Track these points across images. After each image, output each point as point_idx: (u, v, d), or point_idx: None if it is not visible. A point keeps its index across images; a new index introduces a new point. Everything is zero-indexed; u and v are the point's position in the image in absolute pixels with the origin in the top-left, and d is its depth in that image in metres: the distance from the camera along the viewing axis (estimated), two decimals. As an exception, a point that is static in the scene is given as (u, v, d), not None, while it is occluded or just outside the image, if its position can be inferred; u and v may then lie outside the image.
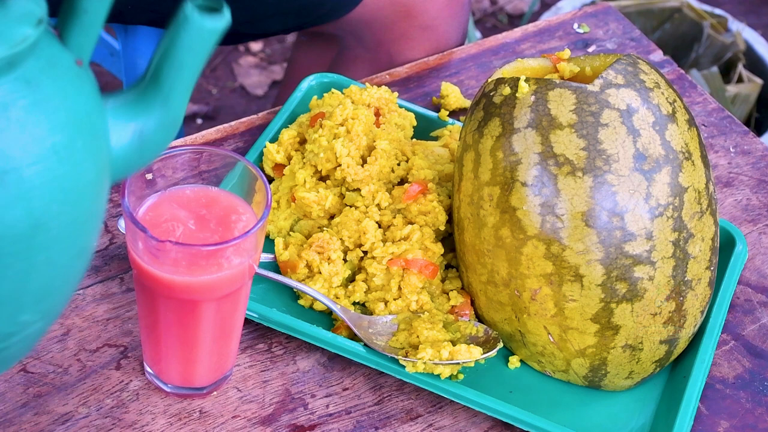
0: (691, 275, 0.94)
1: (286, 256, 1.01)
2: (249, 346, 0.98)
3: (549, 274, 0.92)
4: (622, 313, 0.92)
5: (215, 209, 0.88)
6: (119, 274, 1.02)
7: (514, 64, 1.00)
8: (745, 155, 1.20)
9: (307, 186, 1.04)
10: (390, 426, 0.94)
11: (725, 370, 1.01)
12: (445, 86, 1.20)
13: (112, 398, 0.93)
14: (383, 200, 1.02)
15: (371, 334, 0.96)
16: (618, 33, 1.32)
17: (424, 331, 0.95)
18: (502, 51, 1.28)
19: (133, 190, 0.84)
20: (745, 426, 0.97)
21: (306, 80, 1.16)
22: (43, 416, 0.92)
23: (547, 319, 0.94)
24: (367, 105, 1.09)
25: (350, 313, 0.98)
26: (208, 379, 0.94)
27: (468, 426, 0.95)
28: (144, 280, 0.86)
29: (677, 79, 1.27)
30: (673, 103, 0.94)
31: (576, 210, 0.90)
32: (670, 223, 0.91)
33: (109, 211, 1.06)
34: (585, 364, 0.96)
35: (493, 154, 0.93)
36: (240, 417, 0.93)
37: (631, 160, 0.90)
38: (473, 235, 0.95)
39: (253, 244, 0.84)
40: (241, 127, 1.15)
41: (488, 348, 0.95)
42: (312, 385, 0.96)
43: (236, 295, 0.88)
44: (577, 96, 0.91)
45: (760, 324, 1.04)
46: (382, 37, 1.31)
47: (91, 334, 0.97)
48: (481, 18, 2.47)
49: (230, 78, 2.25)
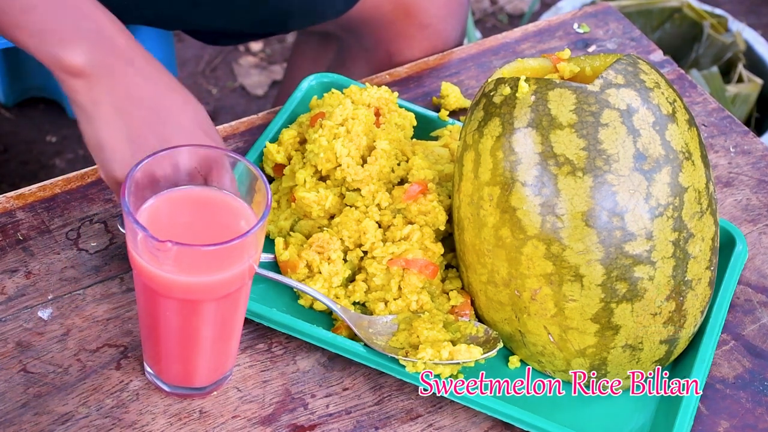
0: (691, 275, 0.94)
1: (286, 256, 1.01)
2: (249, 346, 0.98)
3: (549, 274, 0.92)
4: (622, 313, 0.92)
5: (215, 209, 0.88)
6: (119, 274, 1.02)
7: (514, 64, 1.00)
8: (745, 155, 1.20)
9: (307, 186, 1.04)
10: (390, 426, 0.94)
11: (725, 370, 1.01)
12: (445, 86, 1.20)
13: (112, 398, 0.93)
14: (383, 200, 1.02)
15: (371, 334, 0.96)
16: (618, 33, 1.32)
17: (424, 331, 0.95)
18: (502, 51, 1.28)
19: (133, 191, 0.84)
20: (745, 426, 0.97)
21: (306, 80, 1.16)
22: (43, 416, 0.92)
23: (547, 319, 0.94)
24: (367, 105, 1.09)
25: (350, 313, 0.98)
26: (208, 379, 0.94)
27: (468, 426, 0.95)
28: (144, 280, 0.85)
29: (677, 79, 1.27)
30: (673, 103, 0.94)
31: (576, 210, 0.90)
32: (670, 223, 0.91)
33: (109, 211, 1.06)
34: (585, 364, 0.96)
35: (493, 154, 0.93)
36: (240, 417, 0.93)
37: (631, 160, 0.90)
38: (473, 235, 0.95)
39: (253, 244, 0.84)
40: (241, 127, 1.15)
41: (488, 348, 0.95)
42: (312, 385, 0.96)
43: (236, 295, 0.87)
44: (577, 96, 0.91)
45: (760, 324, 1.04)
46: (381, 36, 1.31)
47: (91, 334, 0.97)
48: (481, 18, 2.47)
49: (230, 78, 2.25)
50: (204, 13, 1.24)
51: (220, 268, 0.84)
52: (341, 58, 1.40)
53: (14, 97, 2.06)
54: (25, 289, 0.99)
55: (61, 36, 0.93)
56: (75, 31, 0.94)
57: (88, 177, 1.08)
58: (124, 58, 0.95)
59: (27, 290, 0.99)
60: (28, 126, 2.07)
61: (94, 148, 0.95)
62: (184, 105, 0.97)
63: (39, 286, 1.00)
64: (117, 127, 0.93)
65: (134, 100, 0.94)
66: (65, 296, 0.99)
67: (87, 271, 1.01)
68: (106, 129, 0.93)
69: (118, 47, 0.95)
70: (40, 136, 2.06)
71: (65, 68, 0.93)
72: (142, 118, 0.94)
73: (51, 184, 1.08)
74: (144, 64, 0.96)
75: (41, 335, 0.96)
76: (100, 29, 0.94)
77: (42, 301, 0.99)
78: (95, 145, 0.94)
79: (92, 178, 1.08)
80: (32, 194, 1.07)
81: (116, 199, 1.07)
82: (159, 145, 0.93)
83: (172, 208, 0.87)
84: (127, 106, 0.94)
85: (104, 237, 1.04)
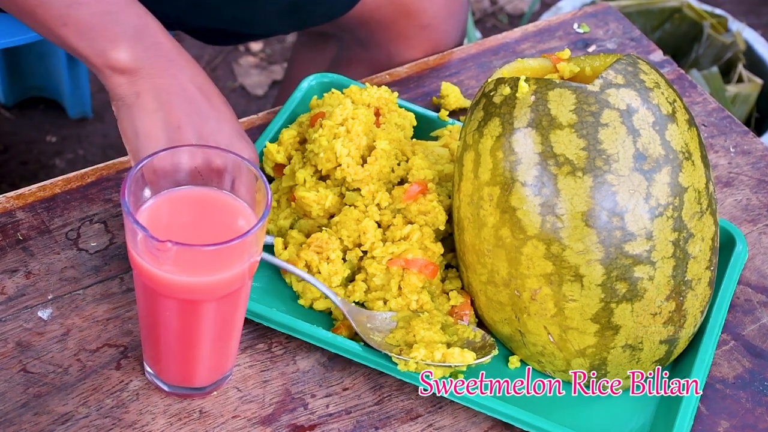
0: (691, 275, 0.94)
1: (285, 256, 1.01)
2: (249, 346, 0.98)
3: (549, 274, 0.92)
4: (622, 313, 0.92)
5: (215, 209, 0.88)
6: (119, 274, 1.02)
7: (514, 64, 1.00)
8: (745, 155, 1.20)
9: (307, 185, 1.04)
10: (390, 426, 0.94)
11: (725, 370, 1.01)
12: (445, 86, 1.20)
13: (112, 398, 0.93)
14: (383, 200, 1.02)
15: (369, 329, 0.96)
16: (618, 33, 1.32)
17: (420, 331, 0.95)
18: (502, 51, 1.28)
19: (133, 191, 0.84)
20: (745, 426, 0.97)
21: (306, 80, 1.16)
22: (43, 416, 0.92)
23: (547, 319, 0.94)
24: (367, 105, 1.09)
25: (349, 306, 0.98)
26: (208, 379, 0.94)
27: (468, 426, 0.95)
28: (144, 280, 0.86)
29: (677, 79, 1.27)
30: (673, 103, 0.94)
31: (576, 210, 0.90)
32: (670, 223, 0.91)
33: (109, 211, 1.06)
34: (585, 364, 0.96)
35: (493, 154, 0.93)
36: (240, 417, 0.93)
37: (631, 160, 0.90)
38: (473, 235, 0.95)
39: (253, 244, 0.84)
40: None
41: (482, 354, 0.95)
42: (312, 385, 0.96)
43: (236, 295, 0.88)
44: (577, 96, 0.91)
45: (760, 324, 1.04)
46: (381, 37, 1.31)
47: (91, 334, 0.97)
48: (481, 18, 2.47)
49: (230, 78, 2.25)
50: (204, 13, 1.25)
51: (220, 268, 0.84)
52: (341, 59, 1.40)
53: (14, 97, 2.06)
54: (25, 289, 0.99)
55: (108, 33, 0.94)
56: (123, 29, 0.95)
57: (88, 177, 1.08)
58: (168, 58, 0.95)
59: (27, 290, 0.99)
60: (28, 126, 2.07)
61: (130, 136, 0.95)
62: (224, 107, 0.98)
63: (39, 286, 1.00)
64: (156, 116, 0.94)
65: (177, 94, 0.95)
66: (65, 296, 0.99)
67: (87, 271, 1.01)
68: (145, 117, 0.94)
69: (162, 46, 0.96)
70: (40, 136, 2.06)
71: (112, 65, 0.94)
72: (183, 111, 0.95)
73: (51, 184, 1.08)
74: (185, 64, 0.97)
75: (41, 335, 0.96)
76: (145, 27, 0.95)
77: (42, 301, 0.99)
78: (131, 133, 0.95)
79: (92, 178, 1.08)
80: (32, 194, 1.07)
81: (116, 198, 1.07)
82: (196, 140, 0.94)
83: (172, 208, 0.87)
84: (169, 98, 0.95)
85: (104, 237, 1.04)
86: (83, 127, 2.08)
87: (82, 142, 2.06)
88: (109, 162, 1.10)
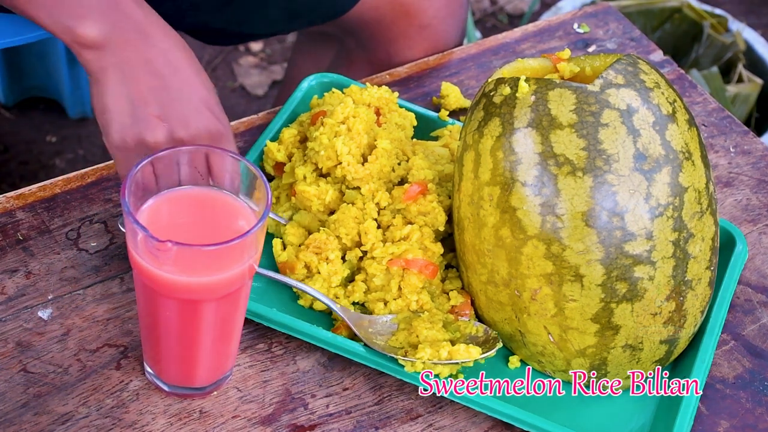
0: (691, 275, 0.94)
1: (284, 257, 1.01)
2: (249, 346, 0.98)
3: (549, 274, 0.92)
4: (622, 313, 0.92)
5: (215, 209, 0.88)
6: (119, 274, 1.01)
7: (514, 64, 1.00)
8: (745, 155, 1.20)
9: (307, 181, 1.04)
10: (390, 426, 0.94)
11: (725, 370, 1.01)
12: (445, 86, 1.20)
13: (112, 398, 0.93)
14: (383, 200, 1.02)
15: (371, 333, 0.96)
16: (618, 33, 1.32)
17: (423, 331, 0.95)
18: (502, 51, 1.28)
19: (133, 191, 0.84)
20: (745, 426, 0.97)
21: (306, 80, 1.16)
22: (43, 416, 0.92)
23: (547, 319, 0.94)
24: (367, 105, 1.09)
25: (350, 313, 0.98)
26: (208, 379, 0.94)
27: (468, 426, 0.95)
28: (144, 280, 0.85)
29: (677, 79, 1.27)
30: (673, 103, 0.94)
31: (576, 210, 0.90)
32: (670, 223, 0.91)
33: (109, 211, 1.06)
34: (585, 364, 0.96)
35: (493, 154, 0.93)
36: (240, 417, 0.93)
37: (631, 160, 0.90)
38: (473, 235, 0.95)
39: (253, 244, 0.84)
40: (242, 127, 1.15)
41: (487, 348, 0.95)
42: (312, 385, 0.96)
43: (236, 295, 0.87)
44: (577, 96, 0.91)
45: (760, 324, 1.04)
46: (381, 37, 1.31)
47: (91, 334, 0.97)
48: (481, 18, 2.47)
49: (230, 78, 2.25)
50: (204, 13, 1.24)
51: (220, 268, 0.84)
52: (341, 58, 1.40)
53: (14, 97, 2.06)
54: (25, 289, 0.99)
55: (75, 9, 0.94)
56: (89, 3, 0.94)
57: (88, 177, 1.08)
58: (140, 31, 0.95)
59: (27, 290, 0.99)
60: (28, 126, 2.07)
61: (99, 113, 0.95)
62: (195, 80, 0.97)
63: (39, 286, 1.00)
64: (121, 91, 0.94)
65: (143, 68, 0.94)
66: (65, 296, 0.99)
67: (87, 271, 1.01)
68: (111, 93, 0.94)
69: (134, 19, 0.95)
70: (40, 136, 2.06)
71: (79, 40, 0.94)
72: (147, 85, 0.94)
73: (51, 184, 1.08)
74: (162, 37, 0.96)
75: (41, 335, 0.96)
76: (115, 2, 0.95)
77: (42, 301, 0.99)
78: (100, 109, 0.95)
79: (92, 178, 1.08)
80: (32, 194, 1.07)
81: (116, 198, 1.07)
82: (159, 112, 0.93)
83: (172, 208, 0.87)
84: (135, 72, 0.94)
85: (104, 237, 1.04)
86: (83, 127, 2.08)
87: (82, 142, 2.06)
88: (110, 162, 1.10)
